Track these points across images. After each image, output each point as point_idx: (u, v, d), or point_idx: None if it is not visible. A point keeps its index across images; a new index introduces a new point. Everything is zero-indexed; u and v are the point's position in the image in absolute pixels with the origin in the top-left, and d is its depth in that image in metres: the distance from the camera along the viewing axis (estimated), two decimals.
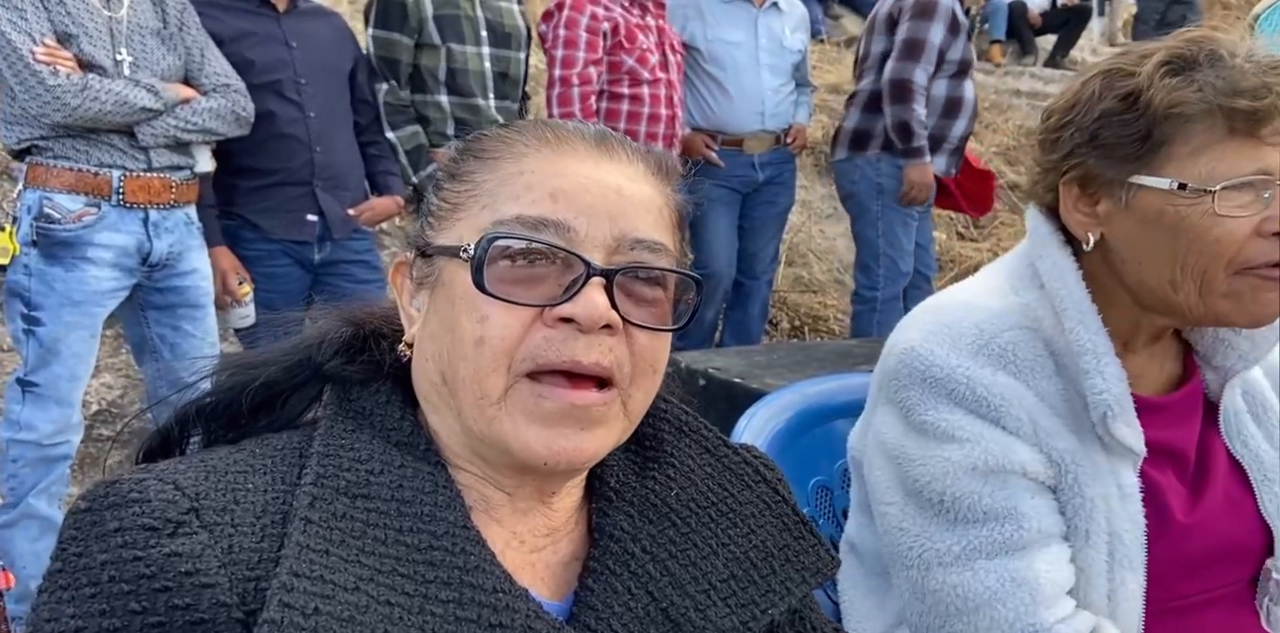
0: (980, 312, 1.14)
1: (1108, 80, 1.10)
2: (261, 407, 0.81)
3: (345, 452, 0.73)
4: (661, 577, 0.78)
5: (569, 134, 0.79)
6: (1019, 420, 1.09)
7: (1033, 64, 9.46)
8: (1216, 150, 1.05)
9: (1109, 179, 1.09)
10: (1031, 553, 1.07)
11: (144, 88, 2.48)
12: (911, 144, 3.86)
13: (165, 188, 2.57)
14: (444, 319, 0.75)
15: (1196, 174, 1.05)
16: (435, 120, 3.21)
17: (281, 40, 2.87)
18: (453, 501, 0.73)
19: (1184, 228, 1.05)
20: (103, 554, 0.64)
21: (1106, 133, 1.08)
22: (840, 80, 6.89)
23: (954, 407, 1.10)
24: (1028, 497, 1.09)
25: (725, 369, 2.55)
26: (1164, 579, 1.10)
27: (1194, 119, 1.04)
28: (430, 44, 3.15)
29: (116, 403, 3.50)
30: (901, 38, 3.85)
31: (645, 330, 0.74)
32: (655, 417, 0.87)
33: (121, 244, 2.51)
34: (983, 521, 1.09)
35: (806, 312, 5.23)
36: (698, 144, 3.93)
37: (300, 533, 0.67)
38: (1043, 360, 1.12)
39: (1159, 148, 1.06)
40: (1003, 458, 1.08)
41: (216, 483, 0.69)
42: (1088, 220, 1.13)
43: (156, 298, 2.66)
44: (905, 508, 1.14)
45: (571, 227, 0.73)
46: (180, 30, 2.62)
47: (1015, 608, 1.06)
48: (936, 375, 1.11)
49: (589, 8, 3.50)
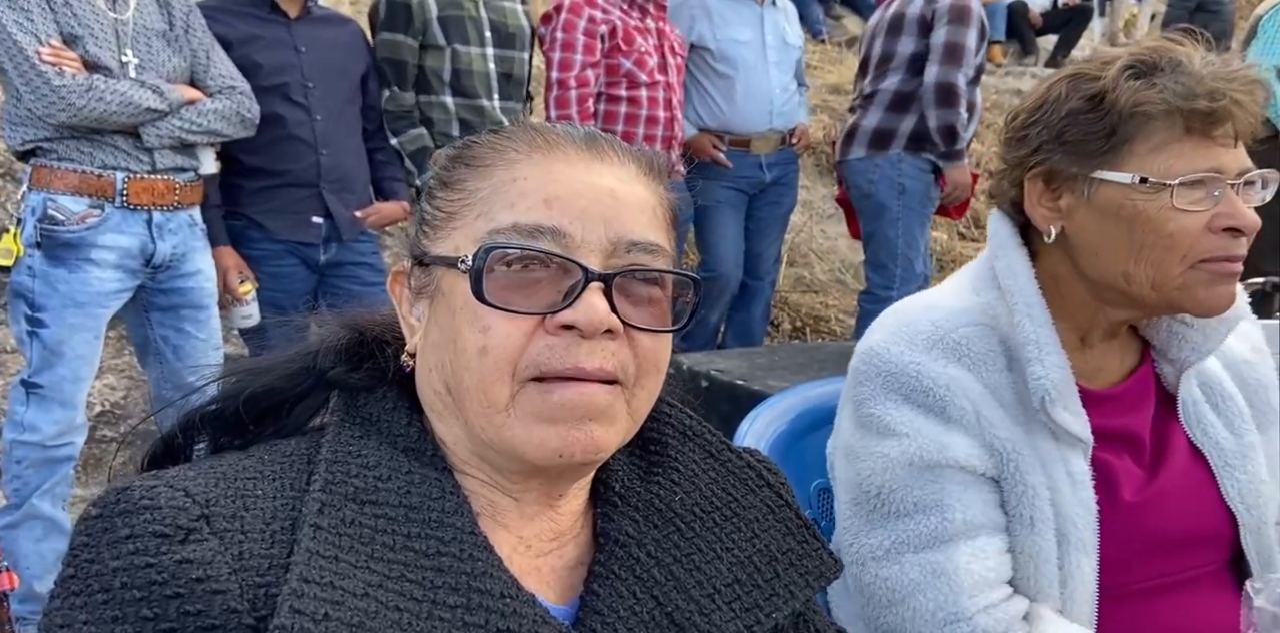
0: (938, 311, 1.21)
1: (1074, 83, 1.16)
2: (267, 413, 0.82)
3: (353, 458, 0.74)
4: (666, 581, 0.78)
5: (559, 138, 0.79)
6: (963, 409, 1.14)
7: (1034, 64, 9.45)
8: (1174, 149, 1.11)
9: (1073, 174, 1.15)
10: (954, 545, 1.13)
11: (149, 89, 2.48)
12: (955, 146, 3.90)
13: (169, 190, 2.58)
14: (445, 329, 0.75)
15: (1156, 170, 1.11)
16: (440, 122, 3.22)
17: (290, 45, 2.88)
18: (460, 506, 0.74)
19: (1141, 221, 1.12)
20: (115, 561, 0.65)
21: (1073, 131, 1.14)
22: (841, 80, 6.89)
23: (901, 401, 1.16)
24: (958, 489, 1.14)
25: (728, 371, 2.56)
26: (1123, 562, 1.14)
27: (1155, 118, 1.11)
28: (435, 45, 3.16)
29: (120, 404, 3.51)
30: (941, 42, 3.84)
31: (646, 332, 0.75)
32: (659, 421, 0.87)
33: (125, 246, 2.52)
34: (911, 514, 1.15)
35: (808, 312, 5.23)
36: (705, 145, 3.91)
37: (310, 539, 0.67)
38: (995, 355, 1.18)
39: (1121, 145, 1.13)
40: (937, 453, 1.13)
41: (226, 489, 0.69)
42: (1050, 214, 1.18)
43: (160, 299, 2.67)
44: (848, 505, 1.20)
45: (567, 233, 0.73)
46: (186, 32, 2.63)
47: (935, 598, 1.11)
48: (890, 370, 1.17)
49: (587, 10, 3.50)
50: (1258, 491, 1.22)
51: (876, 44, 4.07)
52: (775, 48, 3.99)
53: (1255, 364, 1.32)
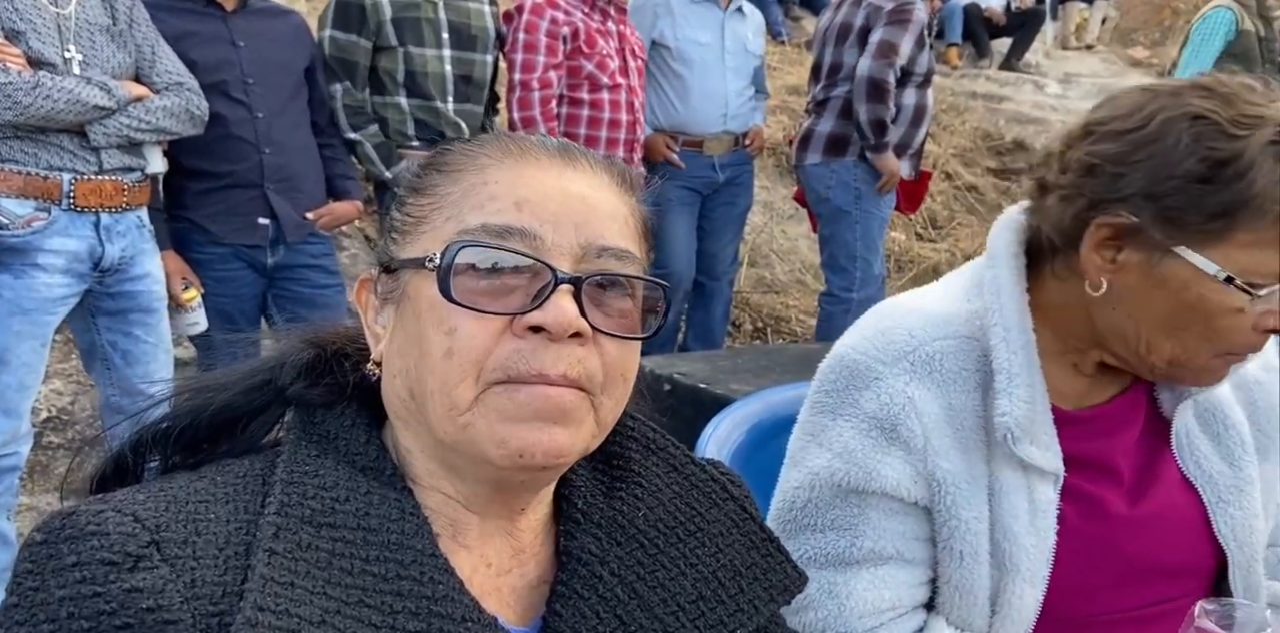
0: (919, 317, 1.13)
1: (1200, 132, 0.97)
2: (221, 431, 0.79)
3: (309, 478, 0.72)
4: (630, 600, 0.78)
5: (532, 146, 0.79)
6: (912, 431, 1.07)
7: (988, 67, 9.59)
8: (1272, 250, 0.97)
9: (1153, 240, 1.00)
10: (856, 570, 1.10)
11: (97, 86, 2.41)
12: (883, 139, 3.98)
13: (117, 191, 2.51)
14: (410, 333, 0.74)
15: (1246, 268, 0.98)
16: (395, 122, 3.19)
17: (227, 39, 2.81)
18: (420, 527, 0.72)
19: (1202, 310, 1.01)
20: (60, 590, 0.63)
21: (1178, 198, 0.98)
22: (800, 82, 6.93)
23: (851, 413, 1.10)
24: (878, 517, 1.10)
25: (690, 374, 2.56)
26: (1083, 591, 1.10)
27: (1271, 214, 0.96)
28: (388, 46, 3.12)
29: (67, 409, 3.43)
30: (876, 39, 3.93)
31: (614, 339, 0.74)
32: (623, 435, 0.86)
33: (73, 250, 2.45)
34: (823, 530, 1.11)
35: (769, 313, 5.26)
36: (659, 146, 3.96)
37: (264, 565, 0.65)
38: (968, 374, 1.10)
39: (1225, 229, 0.97)
40: (864, 480, 1.08)
41: (177, 514, 0.67)
42: (1104, 265, 1.05)
43: (108, 303, 2.59)
44: (774, 508, 1.17)
45: (538, 235, 0.73)
46: (130, 27, 2.55)
47: (823, 617, 1.09)
48: (850, 379, 1.12)
49: (549, 12, 3.49)
50: (1251, 526, 1.15)
51: (827, 52, 4.16)
52: (734, 53, 4.03)
53: (1265, 384, 1.23)
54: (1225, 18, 5.01)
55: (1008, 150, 7.70)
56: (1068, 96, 9.14)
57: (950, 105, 7.80)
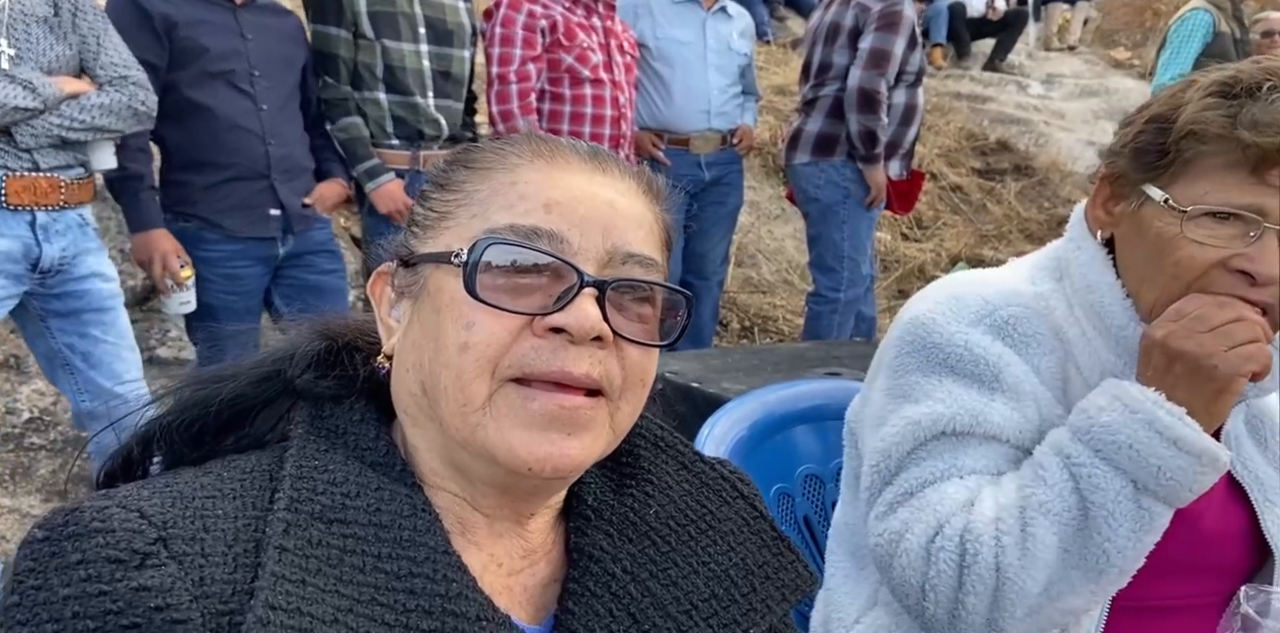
0: (990, 287, 1.17)
1: (1179, 92, 1.10)
2: (228, 425, 0.78)
3: (319, 474, 0.71)
4: (643, 598, 0.77)
5: (563, 148, 0.78)
6: (1017, 378, 1.11)
7: (970, 67, 9.64)
8: (1217, 177, 1.05)
9: (1130, 182, 1.12)
10: (945, 483, 1.10)
11: (19, 85, 2.26)
12: (875, 150, 3.98)
13: (54, 188, 2.38)
14: (427, 327, 0.73)
15: (1189, 195, 1.06)
16: (374, 117, 3.17)
17: (236, 31, 2.78)
18: (432, 524, 0.71)
19: (1158, 243, 1.07)
20: (65, 588, 0.61)
21: (1143, 138, 1.10)
22: (786, 82, 6.95)
23: (945, 374, 1.13)
24: (981, 451, 1.10)
25: (682, 373, 2.55)
26: (1139, 579, 1.10)
27: (1209, 141, 1.04)
28: (365, 40, 3.11)
29: (49, 411, 3.38)
30: (867, 47, 3.92)
31: (635, 345, 0.73)
32: (632, 432, 0.85)
33: (6, 249, 2.32)
34: (919, 462, 1.11)
35: (756, 312, 5.26)
36: (645, 143, 3.97)
37: (275, 562, 0.64)
38: (1042, 338, 1.13)
39: (1174, 163, 1.07)
40: (970, 423, 1.10)
41: (184, 510, 0.66)
42: (1104, 218, 1.16)
43: (56, 305, 2.47)
44: (868, 473, 1.16)
45: (565, 237, 0.72)
46: (74, 16, 2.42)
47: (924, 531, 1.07)
48: (936, 342, 1.13)
49: (526, 5, 3.48)
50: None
51: (816, 51, 4.16)
52: (716, 51, 4.02)
53: None
54: (1204, 20, 5.07)
55: (992, 150, 7.74)
56: (1051, 97, 9.20)
57: (935, 105, 7.83)
